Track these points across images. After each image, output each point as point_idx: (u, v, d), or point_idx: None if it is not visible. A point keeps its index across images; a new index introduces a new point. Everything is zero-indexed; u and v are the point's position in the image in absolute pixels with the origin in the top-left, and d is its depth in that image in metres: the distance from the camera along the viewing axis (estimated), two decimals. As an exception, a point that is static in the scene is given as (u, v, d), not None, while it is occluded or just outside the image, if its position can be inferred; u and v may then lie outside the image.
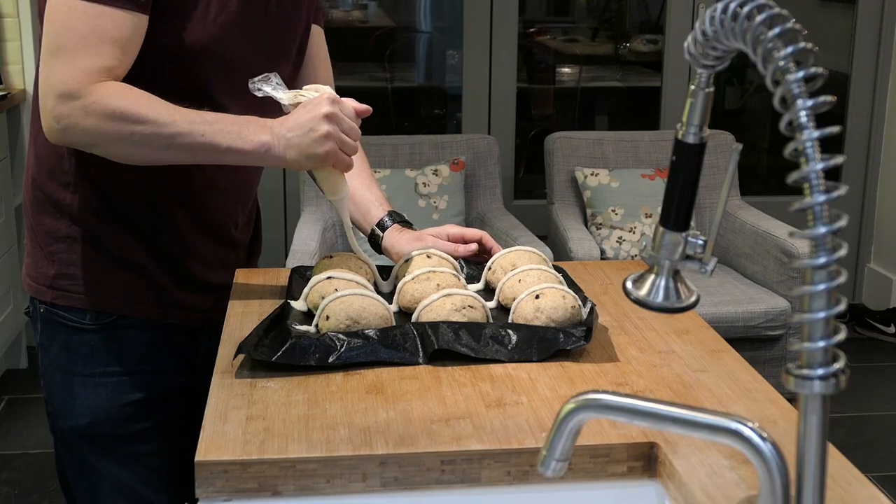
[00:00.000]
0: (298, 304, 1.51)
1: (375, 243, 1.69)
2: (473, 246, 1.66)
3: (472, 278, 1.64)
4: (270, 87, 1.46)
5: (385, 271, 1.62)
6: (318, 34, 1.75)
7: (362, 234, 1.72)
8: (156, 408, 1.63)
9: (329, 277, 1.49)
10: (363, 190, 1.70)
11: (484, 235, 1.67)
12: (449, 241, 1.65)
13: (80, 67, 1.38)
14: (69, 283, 1.59)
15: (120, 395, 1.60)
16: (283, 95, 1.46)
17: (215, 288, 1.66)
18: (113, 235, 1.58)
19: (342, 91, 1.50)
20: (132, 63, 1.44)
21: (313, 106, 1.41)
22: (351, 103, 1.45)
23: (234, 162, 1.45)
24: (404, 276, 1.54)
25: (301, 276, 1.62)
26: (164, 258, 1.61)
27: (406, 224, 1.69)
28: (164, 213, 1.59)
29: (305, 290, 1.51)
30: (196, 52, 1.49)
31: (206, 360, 1.51)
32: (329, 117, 1.40)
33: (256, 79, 1.45)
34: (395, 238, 1.66)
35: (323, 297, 1.45)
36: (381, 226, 1.68)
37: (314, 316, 1.44)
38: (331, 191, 1.51)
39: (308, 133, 1.40)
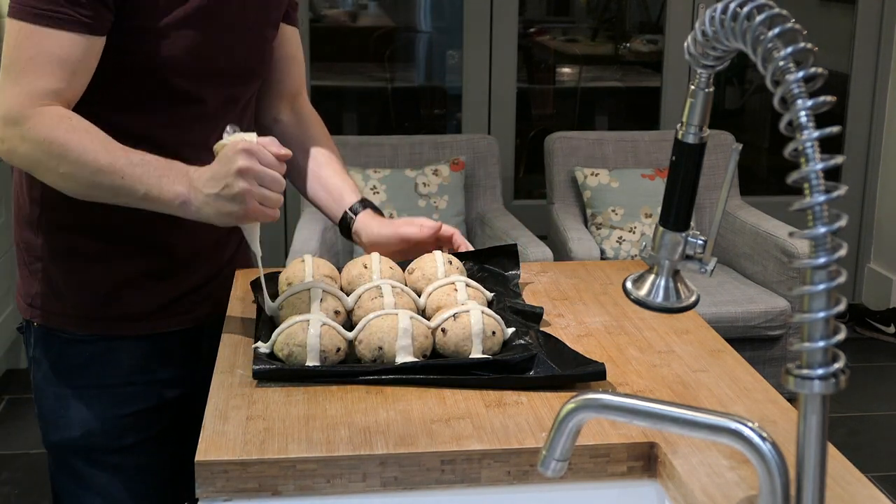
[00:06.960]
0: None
1: (346, 227, 1.66)
2: (439, 224, 1.63)
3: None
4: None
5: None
6: (292, 34, 1.71)
7: (331, 221, 1.70)
8: (152, 420, 1.59)
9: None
10: (336, 178, 1.69)
11: (455, 233, 1.64)
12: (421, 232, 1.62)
13: (24, 90, 1.35)
14: (57, 304, 1.55)
15: (115, 407, 1.56)
16: (225, 140, 1.36)
17: (208, 281, 1.61)
18: (100, 250, 1.53)
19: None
20: (85, 85, 1.40)
21: (227, 159, 1.31)
22: (271, 148, 1.33)
23: (153, 209, 1.36)
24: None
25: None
26: (156, 263, 1.56)
27: (377, 211, 1.67)
28: (154, 225, 1.49)
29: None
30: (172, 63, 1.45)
31: (207, 366, 1.47)
32: (243, 172, 1.29)
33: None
34: (366, 221, 1.64)
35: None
36: (354, 210, 1.66)
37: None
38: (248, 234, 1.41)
39: (223, 190, 1.30)
